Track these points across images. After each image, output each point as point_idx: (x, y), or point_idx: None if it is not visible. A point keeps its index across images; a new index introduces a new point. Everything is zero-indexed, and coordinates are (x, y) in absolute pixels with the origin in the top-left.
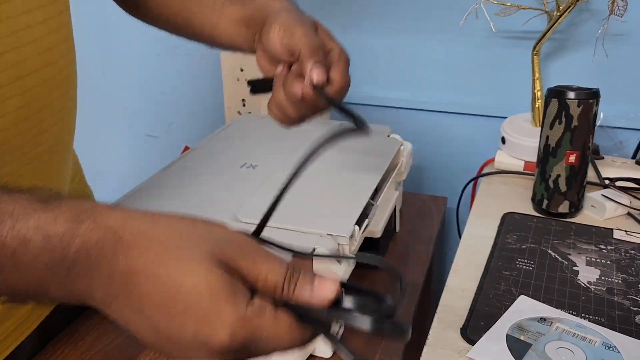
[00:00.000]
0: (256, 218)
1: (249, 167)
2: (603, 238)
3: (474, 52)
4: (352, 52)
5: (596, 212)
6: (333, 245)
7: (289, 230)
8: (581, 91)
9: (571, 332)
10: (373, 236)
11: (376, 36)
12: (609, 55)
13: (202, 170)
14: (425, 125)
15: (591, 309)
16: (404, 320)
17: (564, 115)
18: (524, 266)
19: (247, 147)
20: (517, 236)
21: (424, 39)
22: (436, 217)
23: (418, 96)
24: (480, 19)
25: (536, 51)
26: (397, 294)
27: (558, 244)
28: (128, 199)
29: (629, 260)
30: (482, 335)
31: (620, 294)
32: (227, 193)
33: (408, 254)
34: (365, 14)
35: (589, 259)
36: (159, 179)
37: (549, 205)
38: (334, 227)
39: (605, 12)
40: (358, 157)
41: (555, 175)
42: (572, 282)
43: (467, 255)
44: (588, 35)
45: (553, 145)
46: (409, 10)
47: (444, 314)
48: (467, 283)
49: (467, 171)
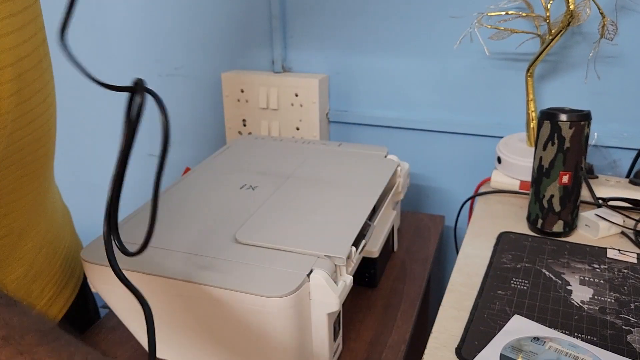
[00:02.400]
0: (255, 239)
1: (248, 188)
2: (597, 257)
3: (470, 73)
4: (350, 73)
5: (590, 232)
6: (330, 267)
7: (285, 251)
8: (573, 113)
9: (564, 351)
10: (371, 256)
11: (374, 57)
12: (601, 76)
13: (201, 192)
14: (422, 144)
15: (584, 328)
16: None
17: (557, 137)
18: (518, 285)
19: (247, 168)
20: (512, 255)
21: (420, 60)
22: (433, 236)
23: (415, 116)
24: (474, 42)
25: (530, 73)
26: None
27: (552, 263)
28: (131, 220)
29: (622, 279)
30: (476, 355)
31: (612, 313)
32: (226, 214)
33: (405, 273)
34: (363, 35)
35: (582, 278)
36: (160, 200)
37: (544, 224)
38: (330, 248)
39: (596, 35)
40: (355, 178)
41: (549, 195)
42: (566, 302)
43: (463, 274)
44: (580, 58)
45: (546, 166)
46: (406, 32)
47: (439, 333)
48: (463, 302)
49: (465, 190)
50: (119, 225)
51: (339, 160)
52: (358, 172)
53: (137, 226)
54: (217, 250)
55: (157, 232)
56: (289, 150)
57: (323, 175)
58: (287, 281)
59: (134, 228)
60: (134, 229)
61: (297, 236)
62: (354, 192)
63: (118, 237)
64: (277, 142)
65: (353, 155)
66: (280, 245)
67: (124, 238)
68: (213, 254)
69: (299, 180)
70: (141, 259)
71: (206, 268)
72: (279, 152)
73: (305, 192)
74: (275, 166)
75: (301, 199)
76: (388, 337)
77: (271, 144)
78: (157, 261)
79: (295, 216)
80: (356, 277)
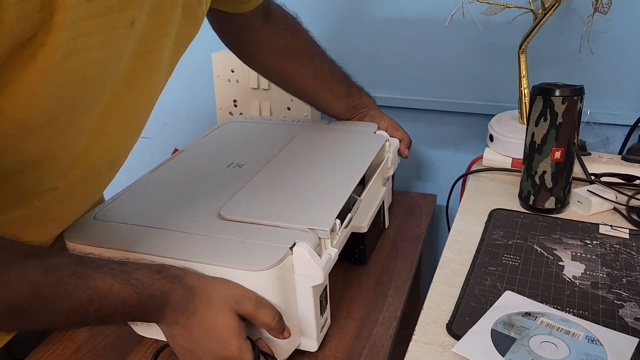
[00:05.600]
0: (239, 215)
1: (235, 166)
2: (589, 233)
3: (462, 51)
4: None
5: (582, 208)
6: (314, 240)
7: (269, 226)
8: (566, 88)
9: (555, 326)
10: (359, 231)
11: (364, 36)
12: (594, 52)
13: (189, 171)
14: (414, 123)
15: (576, 303)
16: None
17: (549, 112)
18: (510, 262)
19: (235, 148)
20: (503, 232)
21: (411, 37)
22: (425, 214)
23: (406, 95)
24: (466, 18)
25: (522, 49)
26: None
27: (544, 239)
28: (117, 200)
29: (613, 254)
30: (467, 331)
31: (604, 288)
32: (212, 192)
33: (397, 251)
34: (353, 14)
35: (574, 254)
36: (147, 180)
37: (535, 201)
38: (314, 221)
39: (589, 9)
40: (342, 153)
41: (541, 171)
42: (558, 277)
43: (454, 251)
44: (573, 33)
45: (539, 142)
46: (396, 9)
47: (430, 309)
48: (454, 279)
49: (457, 168)
50: (107, 201)
51: (327, 137)
52: (346, 148)
53: (124, 204)
54: (202, 227)
55: (143, 211)
56: (278, 129)
57: (311, 152)
58: (270, 254)
59: (121, 204)
60: (120, 206)
61: (281, 211)
62: (340, 167)
63: None
64: (267, 121)
65: (342, 132)
66: (263, 220)
67: (112, 215)
68: (197, 230)
69: (286, 157)
70: (126, 237)
71: (190, 245)
72: (267, 132)
73: (291, 169)
74: (263, 145)
75: (287, 176)
76: (379, 314)
77: (260, 124)
78: (142, 239)
79: (280, 192)
80: (346, 253)
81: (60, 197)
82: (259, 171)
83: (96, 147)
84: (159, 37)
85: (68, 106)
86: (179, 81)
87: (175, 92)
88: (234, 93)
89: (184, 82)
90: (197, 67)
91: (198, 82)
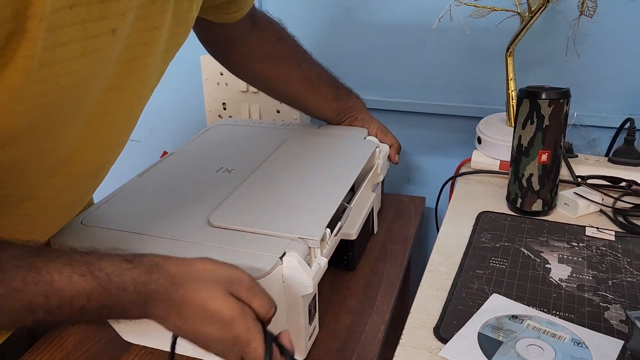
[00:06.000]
0: (229, 222)
1: (224, 171)
2: (575, 235)
3: (449, 54)
4: (329, 55)
5: (569, 210)
6: (304, 249)
7: (258, 234)
8: (552, 91)
9: (542, 329)
10: (348, 238)
11: (352, 39)
12: (581, 55)
13: (178, 175)
14: (402, 126)
15: (562, 305)
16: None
17: (536, 115)
18: (497, 264)
19: (224, 151)
20: (491, 235)
21: (399, 41)
22: (414, 217)
23: (394, 97)
24: (454, 22)
25: (510, 52)
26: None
27: (531, 242)
28: (105, 205)
29: (599, 257)
30: (454, 335)
31: (590, 291)
32: (201, 197)
33: (386, 254)
34: (341, 17)
35: (561, 256)
36: (136, 183)
37: (523, 203)
38: (304, 230)
39: (575, 12)
40: (332, 159)
41: (528, 174)
42: (544, 280)
43: (442, 254)
44: (560, 36)
45: (526, 145)
46: (384, 12)
47: (418, 313)
48: (442, 282)
49: (445, 171)
50: (95, 206)
51: (317, 143)
52: (336, 154)
53: (111, 208)
54: (190, 234)
55: (131, 216)
56: (268, 133)
57: (300, 157)
58: (259, 264)
59: (108, 209)
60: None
61: (270, 219)
62: (330, 173)
63: None
64: (257, 125)
65: (332, 137)
66: (253, 228)
67: (99, 220)
68: (186, 237)
69: (276, 162)
70: (113, 243)
71: (178, 252)
72: (257, 135)
73: (281, 175)
74: (253, 149)
75: (277, 182)
76: (368, 319)
77: (250, 127)
78: (130, 245)
79: (270, 199)
80: (334, 259)
81: (41, 205)
82: (249, 177)
83: (81, 154)
84: (147, 43)
85: (48, 115)
86: (168, 84)
87: (164, 95)
88: (223, 96)
89: (173, 85)
90: (186, 69)
91: (187, 84)
